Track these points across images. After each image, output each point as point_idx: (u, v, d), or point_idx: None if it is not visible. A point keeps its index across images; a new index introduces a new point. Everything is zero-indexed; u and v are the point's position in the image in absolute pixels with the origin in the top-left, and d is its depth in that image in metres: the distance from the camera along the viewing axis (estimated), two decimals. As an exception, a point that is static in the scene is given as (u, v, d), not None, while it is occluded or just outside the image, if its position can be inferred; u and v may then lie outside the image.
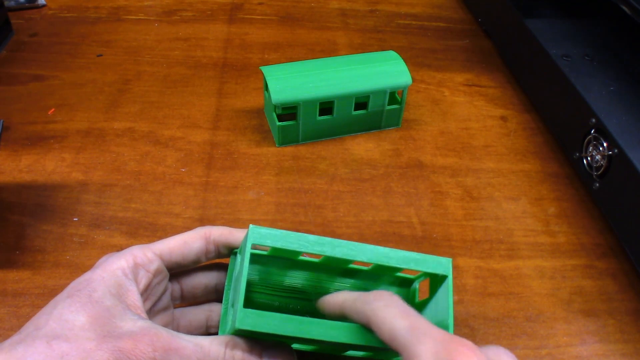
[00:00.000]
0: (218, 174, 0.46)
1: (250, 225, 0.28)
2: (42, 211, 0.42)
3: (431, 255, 0.31)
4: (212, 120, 0.52)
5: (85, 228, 0.41)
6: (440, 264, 0.31)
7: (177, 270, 0.32)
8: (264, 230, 0.28)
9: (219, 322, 0.33)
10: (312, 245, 0.29)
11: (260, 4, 0.71)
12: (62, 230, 0.41)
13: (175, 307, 0.33)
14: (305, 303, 0.34)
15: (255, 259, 0.32)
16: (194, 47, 0.62)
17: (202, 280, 0.33)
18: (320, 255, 0.30)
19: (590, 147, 0.44)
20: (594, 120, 0.43)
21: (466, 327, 0.37)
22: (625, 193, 0.40)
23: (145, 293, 0.29)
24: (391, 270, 0.33)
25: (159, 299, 0.31)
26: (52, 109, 0.52)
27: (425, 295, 0.33)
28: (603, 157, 0.42)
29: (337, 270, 0.34)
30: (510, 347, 0.35)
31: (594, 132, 0.43)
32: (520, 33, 0.56)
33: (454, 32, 0.68)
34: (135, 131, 0.50)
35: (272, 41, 0.64)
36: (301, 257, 0.32)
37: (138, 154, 0.48)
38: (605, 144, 0.42)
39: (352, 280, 0.35)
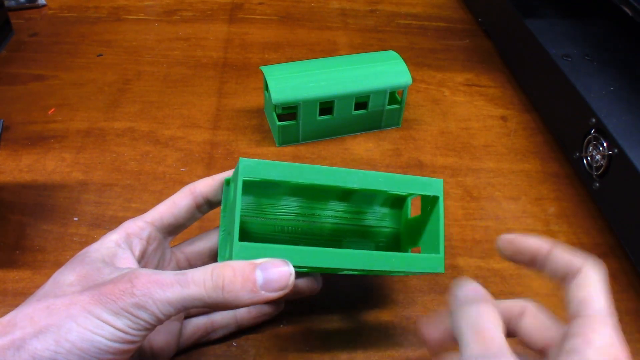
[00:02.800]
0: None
1: (240, 158, 0.28)
2: (42, 211, 0.42)
3: (423, 177, 0.32)
4: (212, 120, 0.52)
5: (85, 228, 0.41)
6: (432, 185, 0.32)
7: (176, 232, 0.33)
8: (254, 163, 0.28)
9: None
10: (303, 174, 0.29)
11: (260, 3, 0.71)
12: (62, 230, 0.41)
13: None
14: (299, 224, 0.35)
15: (247, 188, 0.31)
16: (194, 47, 0.62)
17: (206, 244, 0.34)
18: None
19: (590, 147, 0.44)
20: (594, 120, 0.43)
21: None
22: (625, 193, 0.40)
23: (142, 260, 0.30)
24: (384, 192, 0.34)
25: (162, 267, 0.32)
26: (52, 109, 0.52)
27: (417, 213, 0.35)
28: (603, 157, 0.42)
29: (330, 193, 0.35)
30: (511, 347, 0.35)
31: (594, 132, 0.43)
32: (520, 33, 0.56)
33: (454, 32, 0.68)
34: (135, 131, 0.50)
35: (272, 41, 0.64)
36: (293, 181, 0.33)
37: (138, 153, 0.48)
38: (605, 144, 0.42)
39: (344, 204, 0.36)
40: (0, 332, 0.25)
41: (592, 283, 0.25)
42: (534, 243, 0.27)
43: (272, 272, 0.26)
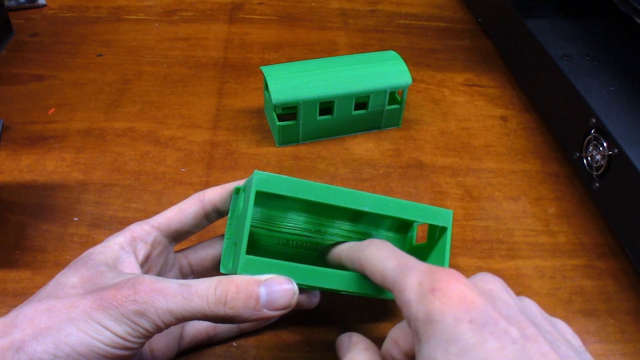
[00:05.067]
0: (218, 173, 0.46)
1: (255, 171, 0.28)
2: (42, 211, 0.42)
3: (433, 206, 0.32)
4: (212, 120, 0.52)
5: (85, 228, 0.41)
6: (441, 216, 0.32)
7: (182, 239, 0.33)
8: (268, 176, 0.28)
9: None
10: (315, 193, 0.29)
11: (260, 3, 0.71)
12: (62, 230, 0.41)
13: None
14: (304, 239, 0.35)
15: (257, 199, 0.32)
16: (194, 47, 0.62)
17: (209, 252, 0.34)
18: None
19: (590, 147, 0.44)
20: (594, 120, 0.43)
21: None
22: (625, 193, 0.40)
23: (146, 264, 0.30)
24: (393, 217, 0.33)
25: (165, 271, 0.32)
26: (52, 109, 0.52)
27: (423, 240, 0.35)
28: (603, 157, 0.42)
29: (339, 212, 0.35)
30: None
31: (594, 132, 0.43)
32: (520, 33, 0.56)
33: (454, 32, 0.68)
34: (135, 131, 0.50)
35: (272, 41, 0.64)
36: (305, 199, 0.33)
37: (138, 153, 0.48)
38: (605, 144, 0.42)
39: (351, 224, 0.36)
40: (0, 332, 0.25)
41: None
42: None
43: (275, 290, 0.27)
